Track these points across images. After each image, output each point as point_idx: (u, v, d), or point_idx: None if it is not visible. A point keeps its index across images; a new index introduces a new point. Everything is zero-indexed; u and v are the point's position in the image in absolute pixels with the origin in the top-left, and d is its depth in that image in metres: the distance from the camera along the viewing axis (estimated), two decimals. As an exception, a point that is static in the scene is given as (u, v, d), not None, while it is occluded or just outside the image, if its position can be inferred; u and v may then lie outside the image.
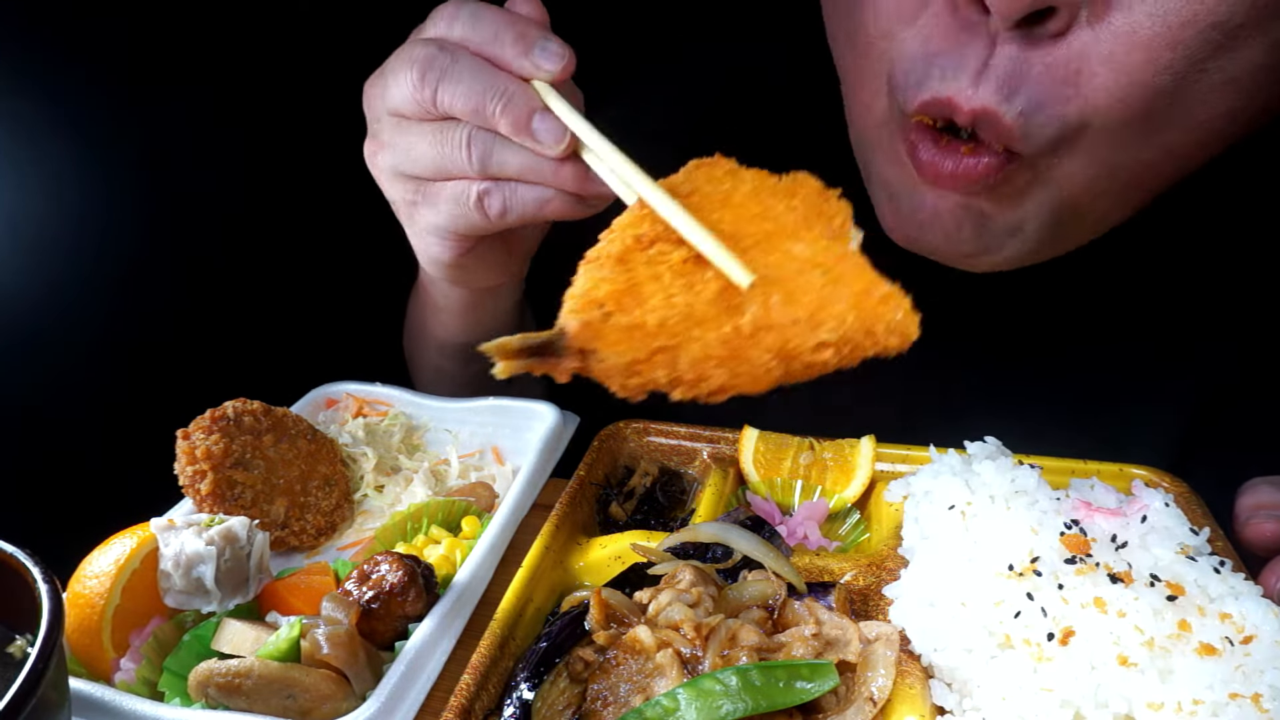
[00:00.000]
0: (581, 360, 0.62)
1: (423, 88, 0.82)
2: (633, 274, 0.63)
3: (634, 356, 0.61)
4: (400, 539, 0.96)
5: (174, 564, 0.82)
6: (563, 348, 0.62)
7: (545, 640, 0.75)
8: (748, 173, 0.72)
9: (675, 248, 0.65)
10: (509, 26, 0.81)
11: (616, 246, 0.65)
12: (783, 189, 0.70)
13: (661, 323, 0.61)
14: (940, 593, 0.77)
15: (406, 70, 0.83)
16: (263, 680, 0.72)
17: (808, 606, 0.76)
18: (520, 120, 0.80)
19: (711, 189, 0.70)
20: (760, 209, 0.68)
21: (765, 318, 0.61)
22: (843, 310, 0.61)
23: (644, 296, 0.62)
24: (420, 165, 0.88)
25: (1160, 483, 0.94)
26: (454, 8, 0.85)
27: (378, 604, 0.79)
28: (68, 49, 1.15)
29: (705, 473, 1.04)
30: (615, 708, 0.68)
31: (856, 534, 1.00)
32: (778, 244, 0.65)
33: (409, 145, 0.87)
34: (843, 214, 0.69)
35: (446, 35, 0.84)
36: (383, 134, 0.90)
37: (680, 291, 0.62)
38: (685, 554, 0.85)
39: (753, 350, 0.61)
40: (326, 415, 1.18)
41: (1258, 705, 0.65)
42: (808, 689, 0.68)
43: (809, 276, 0.63)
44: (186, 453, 0.96)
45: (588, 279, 0.64)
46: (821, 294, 0.62)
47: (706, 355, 0.61)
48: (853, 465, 1.02)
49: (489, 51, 0.82)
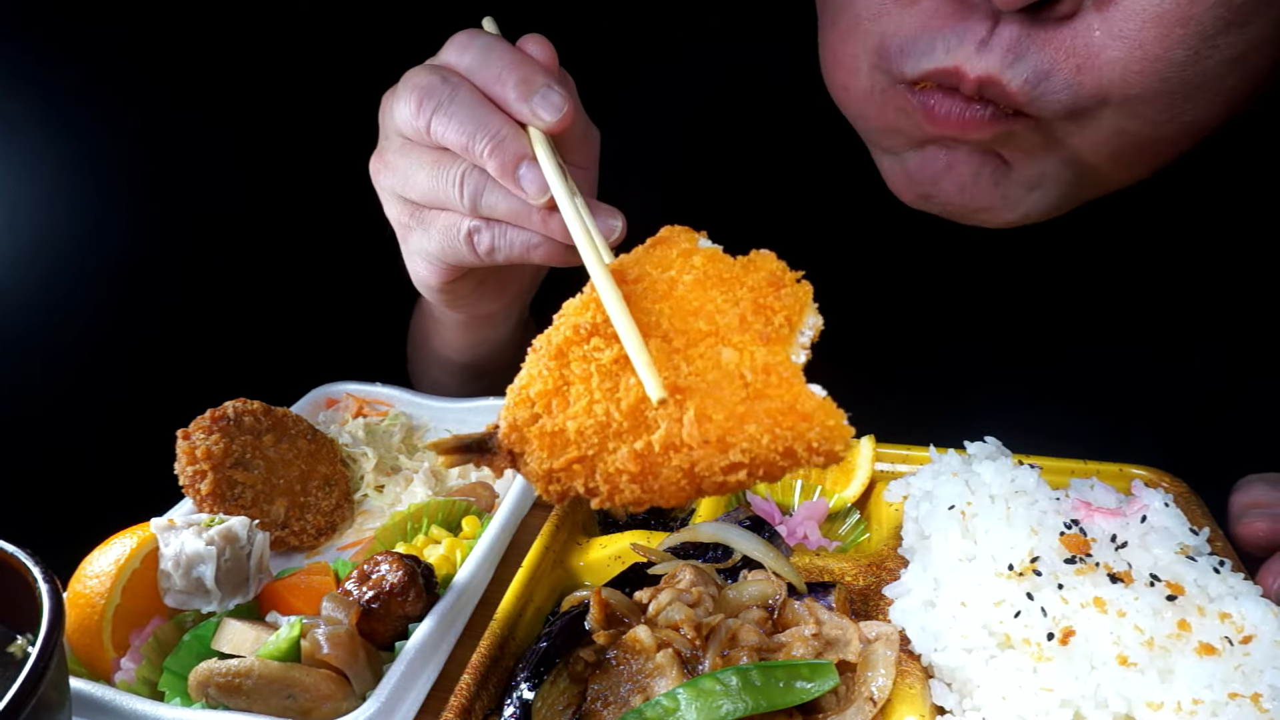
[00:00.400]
0: (512, 461, 0.63)
1: (419, 115, 0.82)
2: (565, 371, 0.64)
3: (553, 466, 0.61)
4: (400, 539, 0.97)
5: (174, 564, 0.82)
6: (494, 447, 0.63)
7: (545, 640, 0.75)
8: (701, 254, 0.70)
9: (608, 345, 0.64)
10: (515, 68, 0.81)
11: (559, 336, 0.66)
12: (732, 276, 0.68)
13: (580, 432, 0.61)
14: (940, 593, 0.77)
15: (409, 94, 0.83)
16: (263, 680, 0.72)
17: (808, 606, 0.77)
18: (507, 166, 0.79)
19: (658, 275, 0.69)
20: (700, 303, 0.66)
21: (676, 435, 0.60)
22: (756, 432, 0.59)
23: (570, 399, 0.62)
24: (417, 192, 0.88)
25: (1160, 483, 0.94)
26: (468, 38, 0.84)
27: (378, 604, 0.79)
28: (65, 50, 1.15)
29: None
30: (615, 707, 0.68)
31: (856, 534, 1.00)
32: (707, 348, 0.64)
33: (408, 170, 0.87)
34: (790, 307, 0.66)
35: (454, 64, 0.84)
36: (388, 152, 0.90)
37: (603, 397, 0.62)
38: (685, 554, 0.85)
39: (663, 468, 0.60)
40: (326, 415, 1.18)
41: (1257, 705, 0.65)
42: (808, 689, 0.68)
43: (729, 390, 0.61)
44: (187, 453, 0.96)
45: (527, 372, 0.65)
46: (737, 411, 0.60)
47: (620, 469, 0.60)
48: (852, 465, 1.02)
49: (491, 90, 0.82)
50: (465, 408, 1.15)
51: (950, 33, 0.78)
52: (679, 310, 0.66)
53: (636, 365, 0.62)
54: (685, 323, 0.65)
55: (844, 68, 0.89)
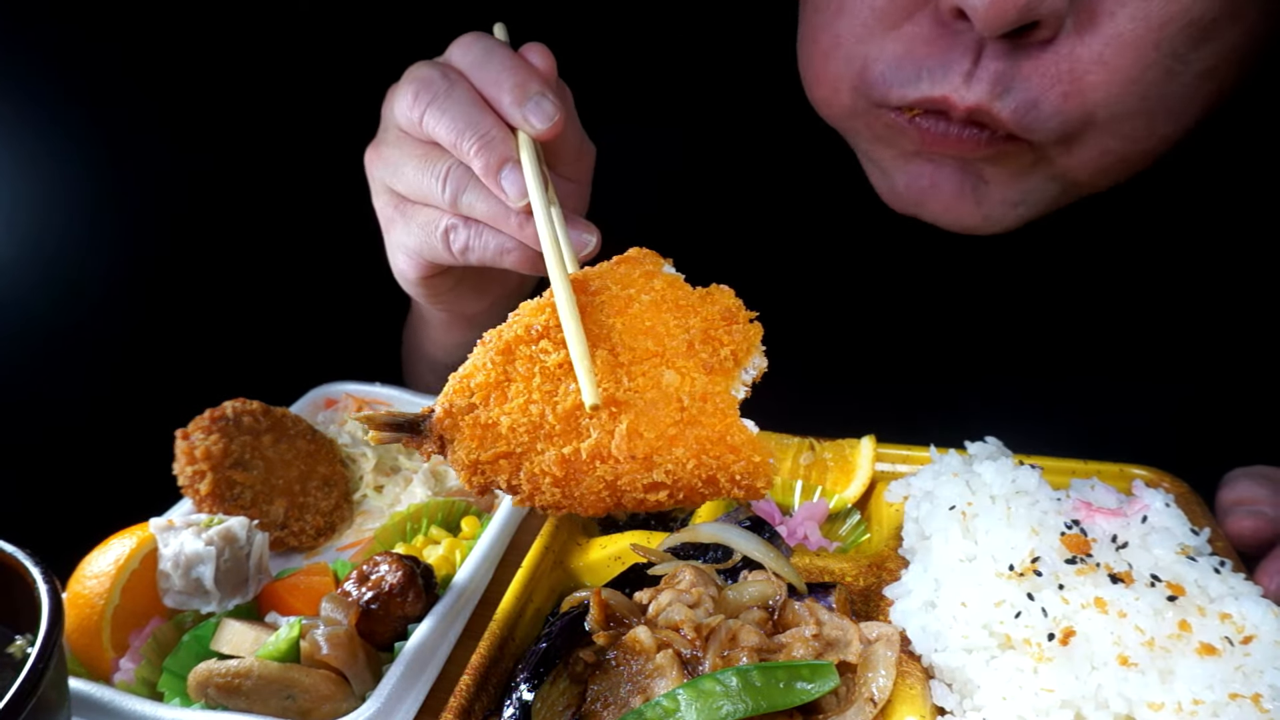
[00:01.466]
0: (440, 446, 0.64)
1: (414, 107, 0.84)
2: (510, 368, 0.65)
3: (479, 457, 0.62)
4: (400, 539, 0.97)
5: (173, 564, 0.82)
6: (426, 429, 0.64)
7: (545, 641, 0.75)
8: (663, 279, 0.71)
9: (556, 349, 0.65)
10: (512, 73, 0.83)
11: (509, 334, 0.67)
12: (688, 304, 0.69)
13: (512, 428, 0.62)
14: (941, 593, 0.77)
15: (407, 86, 0.85)
16: (262, 681, 0.73)
17: (808, 607, 0.76)
18: (491, 166, 0.80)
19: (618, 290, 0.70)
20: (652, 323, 0.67)
21: (605, 446, 0.61)
22: (683, 455, 0.61)
23: (508, 395, 0.64)
24: (403, 184, 0.89)
25: (1160, 483, 0.94)
26: (472, 39, 0.86)
27: (377, 604, 0.79)
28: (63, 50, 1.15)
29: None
30: (615, 708, 0.68)
31: (857, 534, 1.00)
32: (651, 368, 0.65)
33: (399, 161, 0.89)
34: (738, 343, 0.68)
35: (455, 63, 0.85)
36: (385, 143, 0.92)
37: (541, 398, 0.63)
38: (685, 554, 0.85)
39: (586, 477, 0.61)
40: (326, 415, 1.18)
41: (1258, 705, 0.65)
42: (808, 690, 0.68)
43: (664, 411, 0.62)
44: (186, 453, 0.96)
45: (473, 362, 0.66)
46: (668, 433, 0.61)
47: (544, 471, 0.62)
48: (853, 465, 1.02)
49: (488, 91, 0.83)
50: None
51: (935, 63, 0.79)
52: (631, 328, 0.67)
53: (577, 370, 0.63)
54: (635, 340, 0.66)
55: (825, 85, 0.91)
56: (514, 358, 0.66)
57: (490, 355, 0.66)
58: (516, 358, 0.66)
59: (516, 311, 0.70)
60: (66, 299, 1.16)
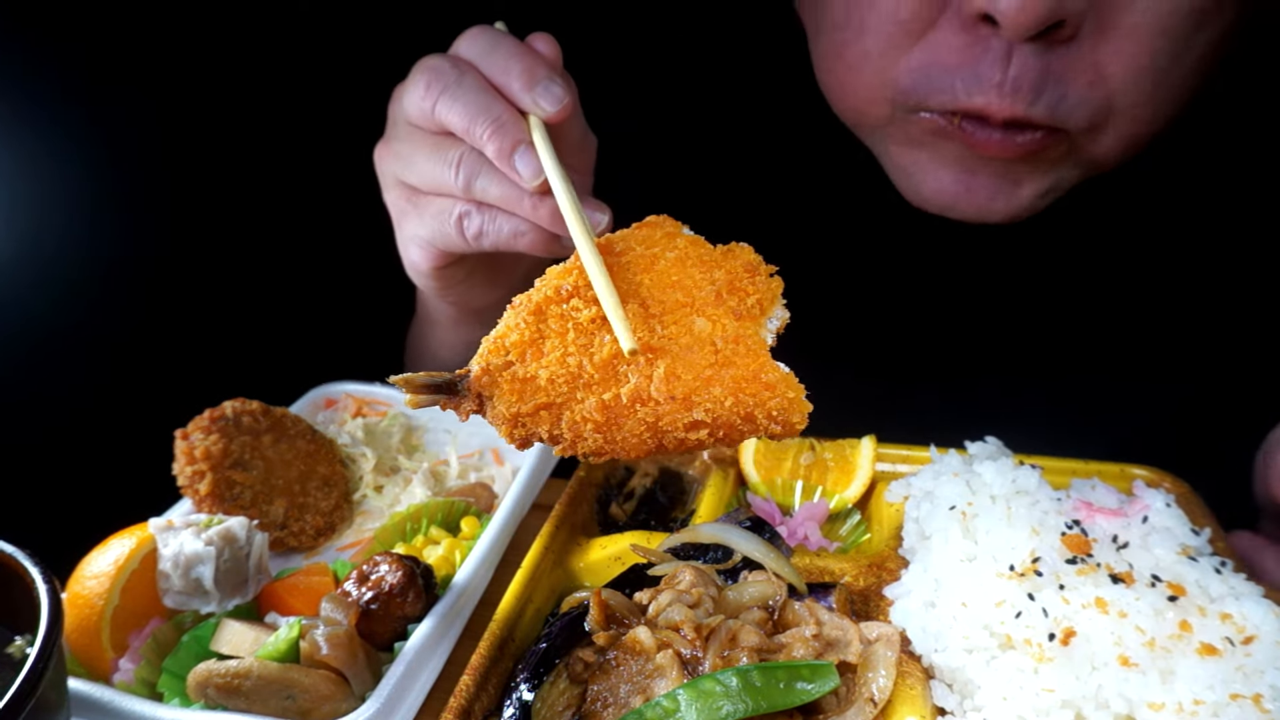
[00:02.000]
0: (479, 404, 0.66)
1: (426, 96, 0.85)
2: (543, 325, 0.67)
3: (520, 409, 0.64)
4: (399, 539, 0.96)
5: (173, 564, 0.82)
6: (464, 389, 0.66)
7: (545, 641, 0.74)
8: (685, 239, 0.74)
9: (587, 306, 0.67)
10: (520, 59, 0.84)
11: (539, 295, 0.69)
12: (712, 259, 0.72)
13: (550, 380, 0.64)
14: (941, 593, 0.77)
15: (418, 78, 0.86)
16: (262, 681, 0.72)
17: (808, 607, 0.76)
18: (504, 149, 0.82)
19: (643, 250, 0.72)
20: (679, 277, 0.70)
21: (644, 389, 0.63)
22: (721, 394, 0.63)
23: (544, 351, 0.65)
24: (416, 175, 0.91)
25: (1161, 483, 0.94)
26: (477, 31, 0.88)
27: (377, 605, 0.79)
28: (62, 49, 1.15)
29: (705, 473, 1.04)
30: (615, 709, 0.68)
31: (857, 534, 1.00)
32: (682, 316, 0.67)
33: (410, 154, 0.90)
34: (763, 293, 0.70)
35: (463, 54, 0.87)
36: (395, 139, 0.93)
37: (577, 351, 0.65)
38: (685, 555, 0.85)
39: (628, 420, 0.63)
40: (325, 415, 1.18)
41: (1259, 706, 0.65)
42: (808, 690, 0.68)
43: (699, 354, 0.64)
44: (185, 453, 0.96)
45: (504, 324, 0.68)
46: (704, 374, 0.63)
47: (585, 418, 0.63)
48: (853, 465, 1.02)
49: (496, 79, 0.85)
50: (465, 408, 1.15)
51: (966, 71, 0.82)
52: (659, 282, 0.69)
53: (611, 318, 0.65)
54: (664, 293, 0.69)
55: (857, 97, 0.93)
56: (546, 316, 0.68)
57: (522, 316, 0.68)
58: (548, 316, 0.67)
59: (544, 276, 0.72)
60: (66, 299, 1.16)
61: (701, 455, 1.06)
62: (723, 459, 1.05)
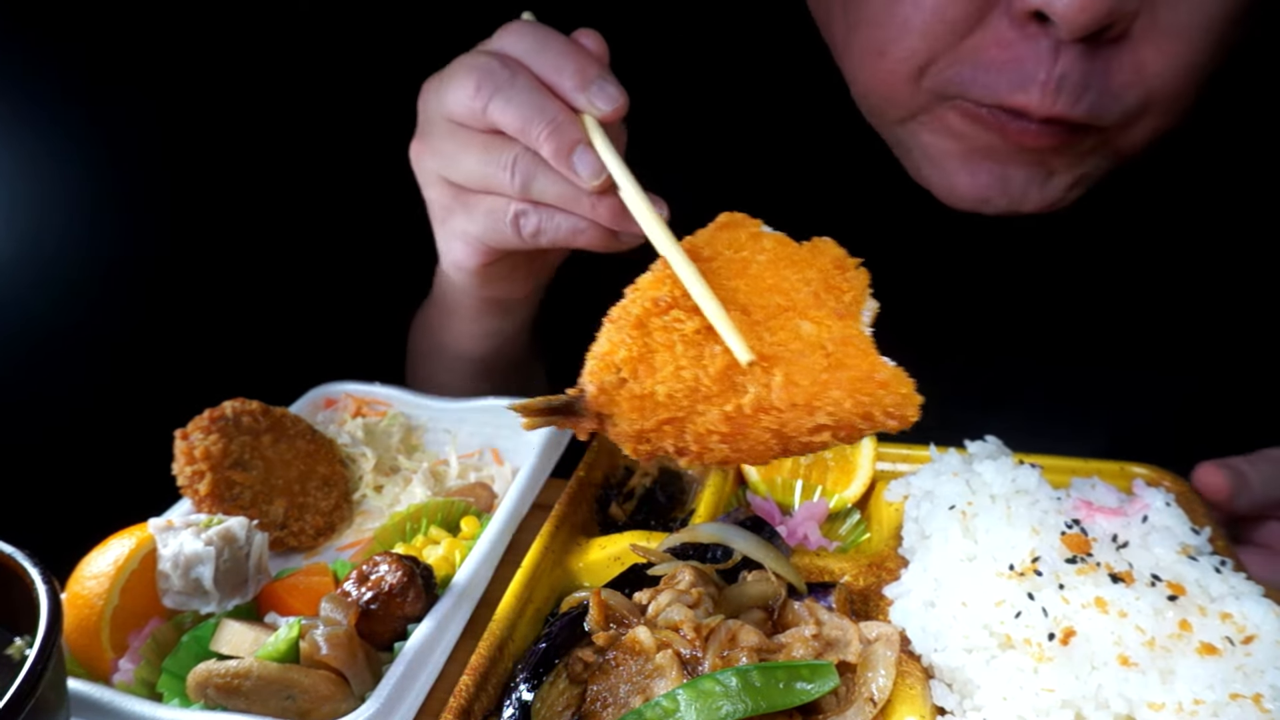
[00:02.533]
0: (599, 423, 0.67)
1: (477, 97, 0.84)
2: (648, 340, 0.68)
3: (643, 426, 0.65)
4: (399, 539, 0.96)
5: (172, 565, 0.81)
6: (581, 410, 0.67)
7: (545, 641, 0.74)
8: (769, 238, 0.74)
9: (689, 317, 0.68)
10: (571, 58, 0.84)
11: (636, 308, 0.69)
12: (801, 258, 0.73)
13: (670, 395, 0.65)
14: (941, 593, 0.77)
15: (465, 77, 0.85)
16: (262, 681, 0.72)
17: (808, 607, 0.76)
18: (562, 149, 0.82)
19: (732, 254, 0.73)
20: (775, 280, 0.71)
21: (765, 398, 0.64)
22: (840, 396, 0.64)
23: (656, 366, 0.66)
24: (464, 174, 0.90)
25: (1161, 481, 0.94)
26: (522, 27, 0.87)
27: (377, 605, 0.79)
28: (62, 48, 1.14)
29: (705, 473, 1.04)
30: (615, 709, 0.68)
31: (857, 534, 0.99)
32: (787, 320, 0.68)
33: (456, 153, 0.89)
34: (855, 288, 0.71)
35: (509, 51, 0.86)
36: (433, 136, 0.92)
37: (689, 364, 0.66)
38: (685, 554, 0.85)
39: (753, 429, 0.64)
40: (325, 415, 1.17)
41: (1259, 705, 0.65)
42: (808, 690, 0.67)
43: (812, 358, 0.65)
44: (185, 453, 0.95)
45: (608, 340, 0.68)
46: (821, 378, 0.64)
47: (710, 430, 0.64)
48: (853, 465, 1.02)
49: (548, 78, 0.84)
50: (465, 408, 1.15)
51: (1013, 69, 0.82)
52: (755, 287, 0.70)
53: (723, 332, 0.66)
54: (762, 298, 0.70)
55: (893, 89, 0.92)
56: (649, 330, 0.68)
57: (626, 331, 0.68)
58: (651, 329, 0.68)
59: (634, 287, 0.72)
60: (66, 298, 1.15)
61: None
62: (721, 459, 1.05)
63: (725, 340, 0.66)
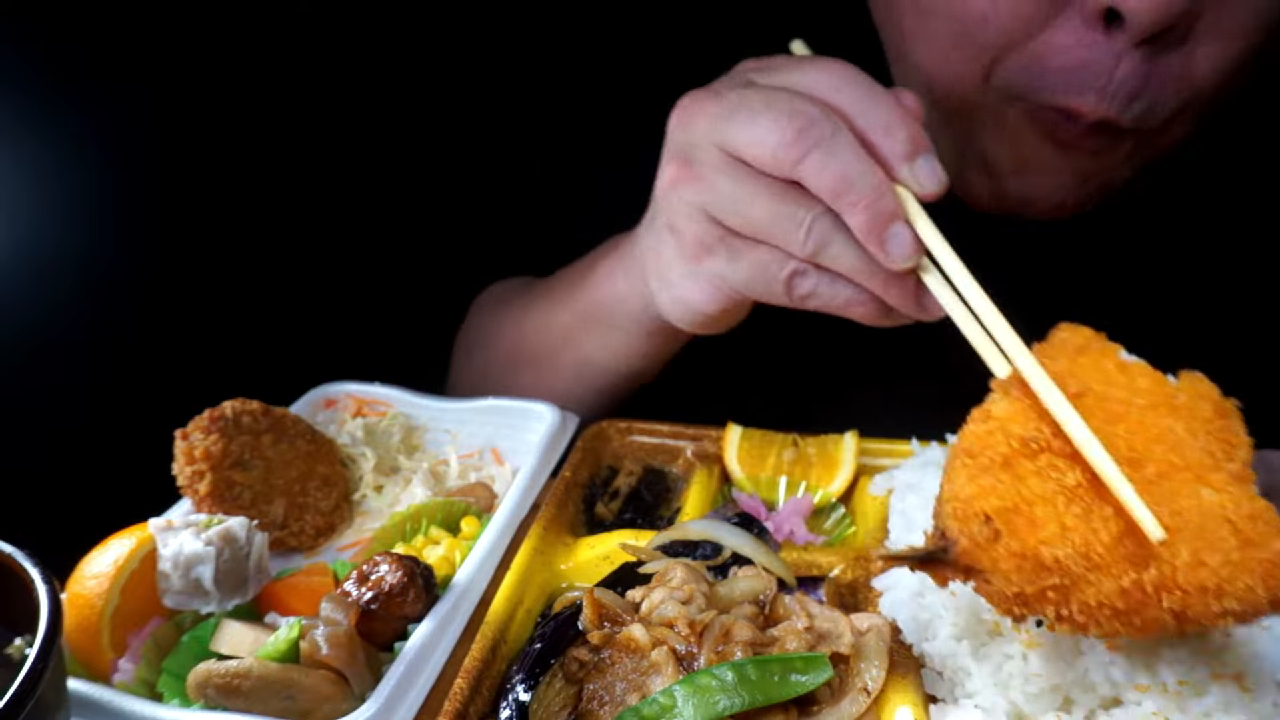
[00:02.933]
0: (967, 575, 0.60)
1: (794, 148, 0.73)
2: (1021, 488, 0.59)
3: (1023, 589, 0.58)
4: (399, 539, 0.94)
5: (173, 564, 0.79)
6: (949, 561, 0.60)
7: (540, 641, 0.72)
8: (1138, 372, 0.66)
9: (1069, 467, 0.60)
10: (903, 125, 0.74)
11: (1002, 448, 0.61)
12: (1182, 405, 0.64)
13: (1056, 561, 0.57)
14: (929, 584, 0.75)
15: (780, 121, 0.73)
16: (262, 681, 0.70)
17: (799, 601, 0.75)
18: (877, 224, 0.72)
19: (1104, 390, 0.64)
20: (1159, 431, 0.62)
21: (1170, 577, 0.56)
22: (1252, 582, 0.56)
23: (1036, 521, 0.58)
24: (742, 220, 0.79)
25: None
26: (847, 73, 0.76)
27: (377, 604, 0.77)
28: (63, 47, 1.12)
29: (689, 471, 1.03)
30: (612, 706, 0.66)
31: (842, 528, 0.98)
32: (1183, 484, 0.60)
33: (739, 195, 0.77)
34: (1241, 445, 0.63)
35: (831, 100, 0.75)
36: (704, 167, 0.80)
37: (1076, 523, 0.58)
38: (675, 552, 0.83)
39: (1151, 608, 0.57)
40: (325, 415, 1.15)
41: (1240, 685, 0.64)
42: (803, 682, 0.66)
43: (1218, 534, 0.57)
44: (185, 453, 0.93)
45: (972, 484, 0.60)
46: (1231, 559, 0.56)
47: (1102, 604, 0.57)
48: (836, 460, 1.01)
49: (874, 139, 0.74)
50: (465, 408, 1.13)
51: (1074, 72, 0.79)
52: (1140, 435, 0.62)
53: (1129, 503, 0.57)
54: (1151, 452, 0.61)
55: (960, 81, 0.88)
56: (1020, 475, 0.60)
57: (994, 475, 0.60)
58: (1023, 475, 0.60)
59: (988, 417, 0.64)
60: (66, 299, 1.13)
61: (685, 453, 1.05)
62: (706, 456, 1.04)
63: (1132, 511, 0.57)
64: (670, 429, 1.06)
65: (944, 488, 0.63)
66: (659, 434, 1.06)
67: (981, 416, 0.65)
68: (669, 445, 1.06)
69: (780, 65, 0.78)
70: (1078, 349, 0.68)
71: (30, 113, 1.08)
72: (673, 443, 1.05)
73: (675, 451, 1.05)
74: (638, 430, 1.07)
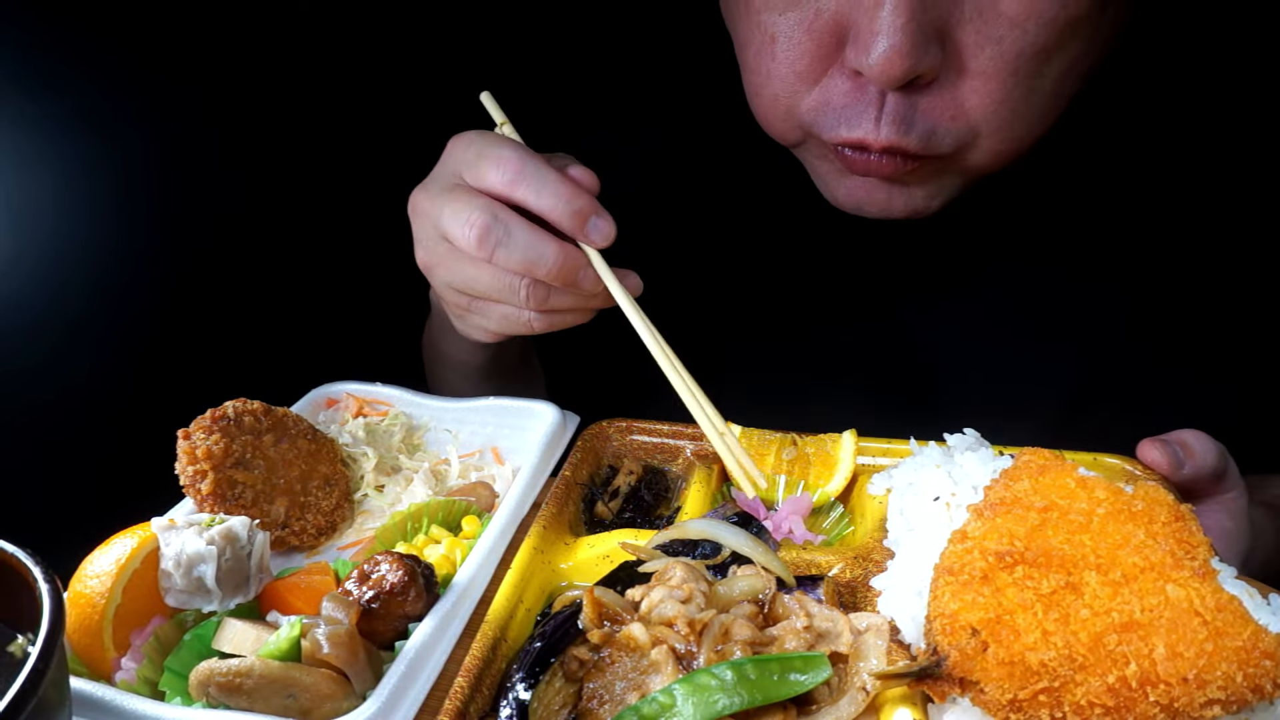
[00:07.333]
0: (961, 687, 0.64)
1: (481, 247, 0.91)
2: (1002, 599, 0.64)
3: (1016, 695, 0.61)
4: (400, 539, 0.94)
5: (175, 563, 0.79)
6: (942, 675, 0.64)
7: (540, 640, 0.72)
8: (1099, 485, 0.71)
9: (1043, 575, 0.64)
10: (568, 203, 0.91)
11: (980, 564, 0.66)
12: (1139, 511, 0.69)
13: (1043, 664, 0.61)
14: (927, 582, 0.75)
15: (465, 229, 0.91)
16: (263, 680, 0.70)
17: (798, 600, 0.75)
18: (568, 278, 0.93)
19: (1068, 504, 0.69)
20: (1122, 537, 0.66)
21: (1151, 672, 0.60)
22: (1230, 670, 0.59)
23: (1019, 629, 0.62)
24: (477, 289, 0.97)
25: (1134, 470, 0.93)
26: (521, 165, 0.91)
27: (378, 603, 0.76)
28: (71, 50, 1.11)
29: (689, 470, 1.02)
30: (611, 705, 0.66)
31: (841, 527, 0.98)
32: (1150, 583, 0.64)
33: (467, 275, 0.96)
34: (1200, 544, 0.67)
35: (507, 195, 0.91)
36: (435, 253, 0.98)
37: (1056, 628, 0.62)
38: (674, 551, 0.83)
39: (1140, 703, 0.60)
40: (326, 415, 1.15)
41: None
42: (802, 681, 0.66)
43: (1189, 626, 0.61)
44: (187, 452, 0.93)
45: (956, 600, 0.65)
46: (1205, 649, 0.60)
47: (1092, 702, 0.60)
48: (835, 459, 1.01)
49: (552, 218, 0.92)
50: (466, 407, 1.12)
51: (850, 112, 0.92)
52: (1104, 543, 0.66)
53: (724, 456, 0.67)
54: (1115, 556, 0.65)
55: (771, 124, 1.02)
56: (998, 587, 0.65)
57: (976, 590, 0.65)
58: (1000, 587, 0.65)
59: (963, 539, 0.69)
60: (68, 298, 1.13)
61: (685, 452, 1.04)
62: (705, 455, 1.03)
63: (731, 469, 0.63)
64: (670, 429, 1.06)
65: (931, 606, 0.67)
66: (659, 434, 1.06)
67: (959, 538, 0.70)
68: (669, 445, 1.05)
69: (473, 160, 0.93)
70: (1040, 469, 0.75)
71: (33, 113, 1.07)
72: (672, 442, 1.05)
73: (675, 451, 1.05)
74: (638, 430, 1.06)
